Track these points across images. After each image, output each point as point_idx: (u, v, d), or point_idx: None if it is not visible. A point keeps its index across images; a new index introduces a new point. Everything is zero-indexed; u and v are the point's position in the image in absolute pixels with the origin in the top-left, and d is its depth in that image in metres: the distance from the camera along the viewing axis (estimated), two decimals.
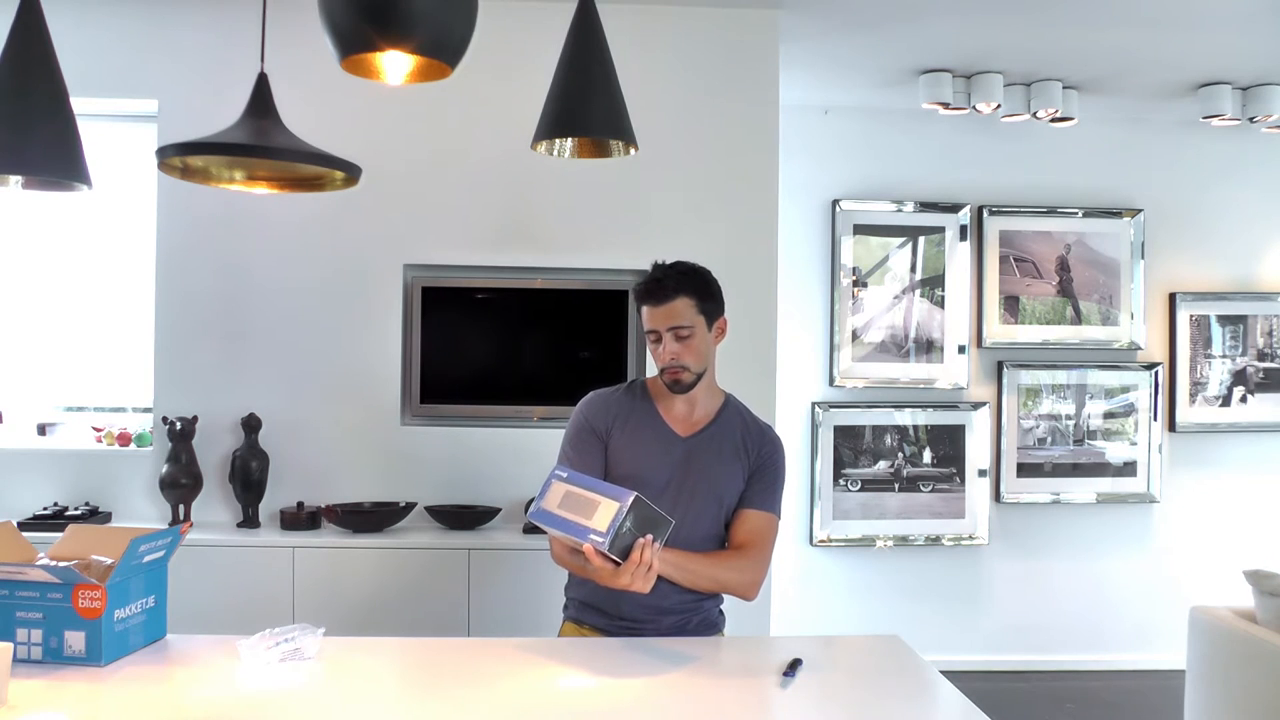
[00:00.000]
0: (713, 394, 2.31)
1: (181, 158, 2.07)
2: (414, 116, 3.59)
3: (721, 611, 2.35)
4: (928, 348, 4.76)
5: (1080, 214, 4.82)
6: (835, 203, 4.71)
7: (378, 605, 3.25)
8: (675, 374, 2.20)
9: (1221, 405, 4.90)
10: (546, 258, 3.64)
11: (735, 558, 2.20)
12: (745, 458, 2.26)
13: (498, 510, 3.51)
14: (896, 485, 4.75)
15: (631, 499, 1.87)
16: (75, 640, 1.87)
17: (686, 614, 2.24)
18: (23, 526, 3.23)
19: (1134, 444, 4.85)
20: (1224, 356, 4.91)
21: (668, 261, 2.25)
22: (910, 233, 4.76)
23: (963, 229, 4.76)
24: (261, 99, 2.06)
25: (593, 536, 1.88)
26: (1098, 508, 4.85)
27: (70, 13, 3.39)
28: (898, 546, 4.74)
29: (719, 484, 2.23)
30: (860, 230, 4.73)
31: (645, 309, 2.22)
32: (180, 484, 3.41)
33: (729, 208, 3.66)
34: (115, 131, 3.73)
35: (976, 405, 4.78)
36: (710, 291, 2.24)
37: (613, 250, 3.61)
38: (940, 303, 4.76)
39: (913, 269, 4.77)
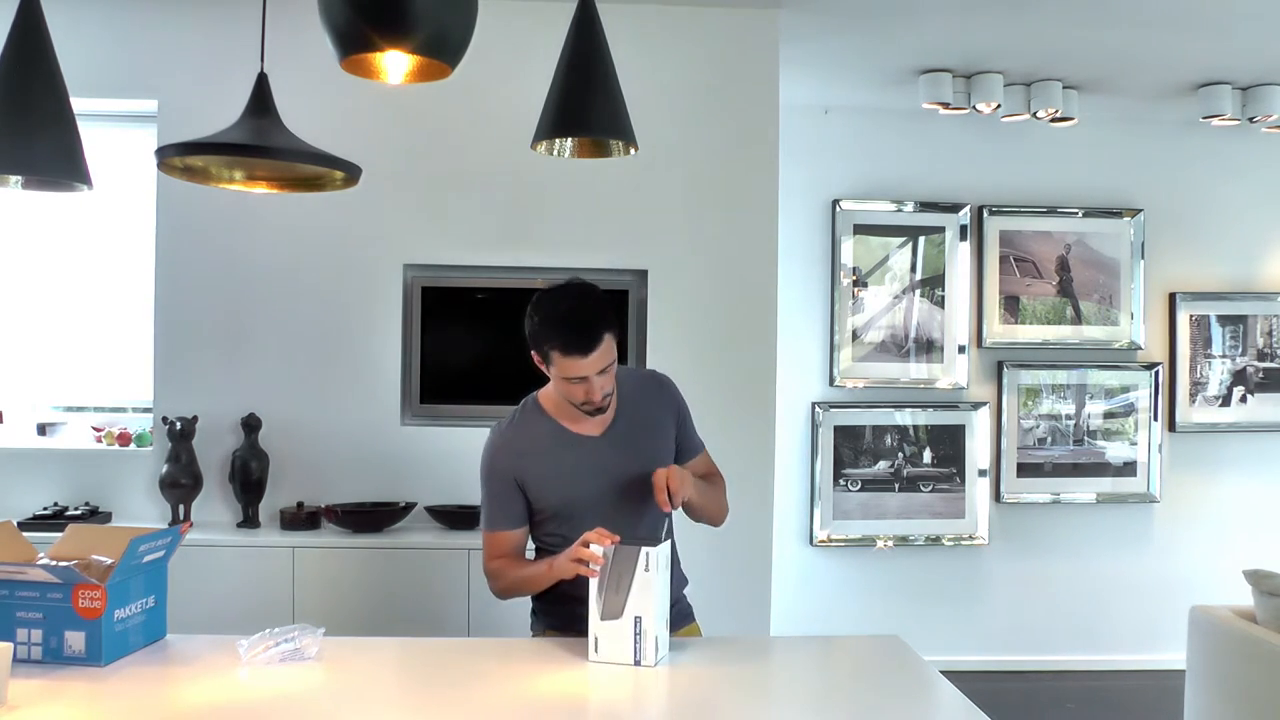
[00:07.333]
0: None
1: (181, 158, 2.07)
2: (414, 116, 3.58)
3: (689, 604, 2.34)
4: (928, 348, 4.76)
5: (1080, 214, 4.82)
6: (835, 203, 4.71)
7: (378, 605, 3.25)
8: (601, 404, 2.09)
9: (1221, 405, 4.90)
10: (547, 258, 3.64)
11: (719, 480, 2.35)
12: (663, 416, 2.25)
13: None
14: (896, 485, 4.75)
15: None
16: (75, 640, 1.87)
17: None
18: (23, 526, 3.22)
19: (1134, 444, 4.85)
20: (1224, 356, 4.91)
21: (566, 291, 2.09)
22: (910, 233, 4.76)
23: (963, 229, 4.76)
24: (261, 99, 2.07)
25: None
26: (1098, 508, 4.84)
27: (70, 13, 3.38)
28: (898, 546, 4.74)
29: (655, 458, 2.17)
30: (860, 230, 4.73)
31: (570, 360, 2.00)
32: (180, 484, 3.41)
33: (729, 208, 3.66)
34: (115, 131, 3.73)
35: (976, 405, 4.77)
36: (614, 315, 2.09)
37: (613, 250, 3.61)
38: (940, 303, 4.76)
39: (913, 269, 4.76)
